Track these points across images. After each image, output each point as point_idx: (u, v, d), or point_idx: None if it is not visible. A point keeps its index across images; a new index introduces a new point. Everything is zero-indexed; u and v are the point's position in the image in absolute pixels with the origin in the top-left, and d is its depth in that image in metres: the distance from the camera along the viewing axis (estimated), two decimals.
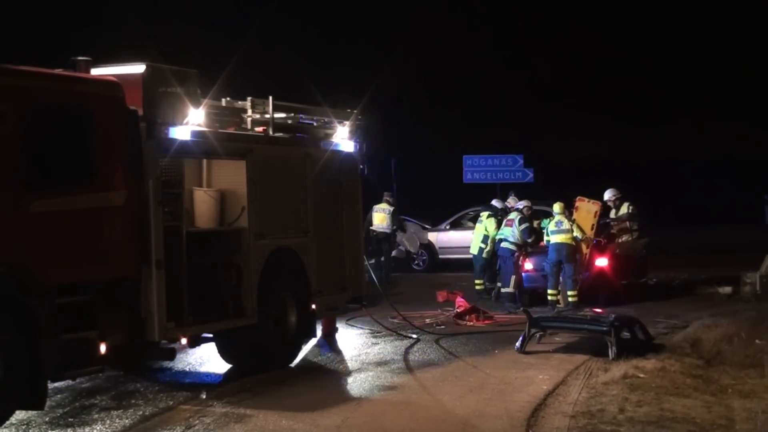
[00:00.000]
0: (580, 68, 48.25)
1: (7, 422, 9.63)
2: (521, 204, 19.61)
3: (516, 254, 18.94)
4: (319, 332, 14.59)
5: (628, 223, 19.86)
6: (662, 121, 48.03)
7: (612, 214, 19.95)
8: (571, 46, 48.15)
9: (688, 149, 46.14)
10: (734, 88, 47.08)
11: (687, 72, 48.24)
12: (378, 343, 14.89)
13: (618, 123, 47.09)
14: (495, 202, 21.09)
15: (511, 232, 19.01)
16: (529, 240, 19.04)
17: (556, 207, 18.63)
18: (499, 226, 19.81)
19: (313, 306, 13.49)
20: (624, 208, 19.96)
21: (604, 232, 19.67)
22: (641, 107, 48.46)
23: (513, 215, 19.29)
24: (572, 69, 48.19)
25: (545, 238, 18.77)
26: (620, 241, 19.68)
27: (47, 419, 10.22)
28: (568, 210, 18.84)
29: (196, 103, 11.76)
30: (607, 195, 20.09)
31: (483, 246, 20.10)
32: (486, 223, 20.16)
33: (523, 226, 18.95)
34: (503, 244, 19.05)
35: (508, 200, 21.14)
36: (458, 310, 17.23)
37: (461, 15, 48.08)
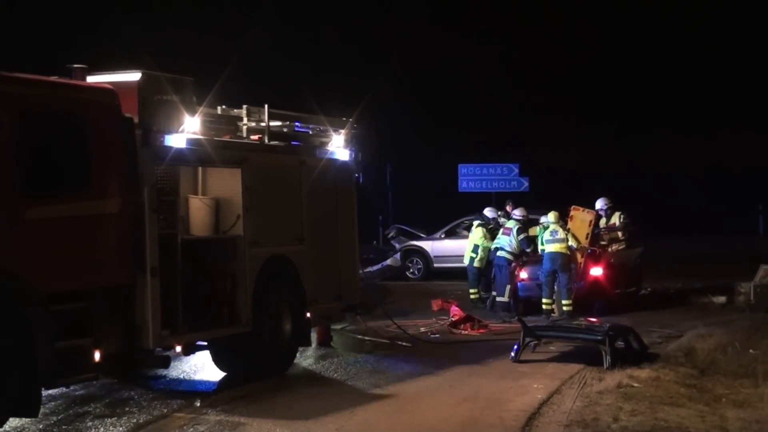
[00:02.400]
0: (575, 77, 48.35)
1: (1, 429, 9.61)
2: (517, 212, 19.61)
3: (513, 264, 18.95)
4: (313, 340, 14.59)
5: (620, 233, 19.89)
6: (656, 130, 48.13)
7: (602, 223, 19.99)
8: (565, 55, 48.28)
9: (683, 159, 46.22)
10: (728, 98, 47.21)
11: (680, 81, 48.36)
12: (372, 352, 14.88)
13: (612, 132, 47.19)
14: (487, 211, 21.10)
15: (508, 242, 19.01)
16: (528, 250, 19.07)
17: (551, 216, 18.66)
18: (493, 235, 19.86)
19: (308, 314, 13.49)
20: (615, 218, 20.00)
21: (598, 242, 19.71)
22: (636, 116, 48.57)
23: (511, 224, 19.27)
24: (567, 77, 48.30)
25: (540, 247, 18.79)
26: (612, 250, 19.70)
27: (41, 426, 10.20)
28: (563, 219, 18.87)
29: (192, 111, 11.77)
30: (599, 204, 20.12)
31: (474, 255, 20.13)
32: (475, 233, 20.24)
33: (522, 236, 18.97)
34: (500, 253, 19.06)
35: (507, 209, 21.15)
36: (453, 319, 17.23)
37: (456, 24, 48.23)
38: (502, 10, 48.57)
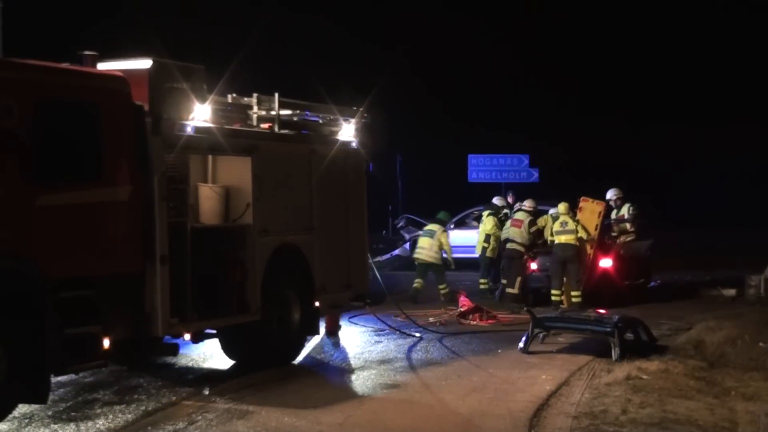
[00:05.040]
0: (589, 68, 48.25)
1: (10, 416, 9.65)
2: (527, 204, 19.54)
3: (525, 257, 18.86)
4: (322, 329, 14.60)
5: (628, 225, 19.86)
6: (670, 122, 47.99)
7: (613, 214, 19.97)
8: (579, 46, 48.16)
9: (696, 151, 46.11)
10: (744, 90, 47.04)
11: (697, 73, 48.21)
12: (381, 341, 14.89)
13: (626, 123, 47.10)
14: (496, 200, 21.07)
15: (519, 233, 18.89)
16: (539, 242, 19.01)
17: (561, 207, 18.60)
18: (503, 224, 19.82)
19: (317, 303, 13.49)
20: (624, 209, 19.96)
21: (607, 233, 19.68)
22: (650, 108, 48.45)
23: (521, 216, 19.15)
24: (581, 68, 48.19)
25: (549, 238, 18.75)
26: (621, 241, 19.67)
27: (50, 413, 10.22)
28: (573, 210, 18.82)
29: (202, 99, 11.76)
30: (610, 194, 20.09)
31: (486, 245, 20.10)
32: (486, 222, 20.21)
33: (534, 228, 18.90)
34: (510, 245, 18.93)
35: (508, 200, 21.15)
36: (462, 309, 17.21)
37: (468, 15, 48.11)
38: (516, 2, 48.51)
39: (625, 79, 48.48)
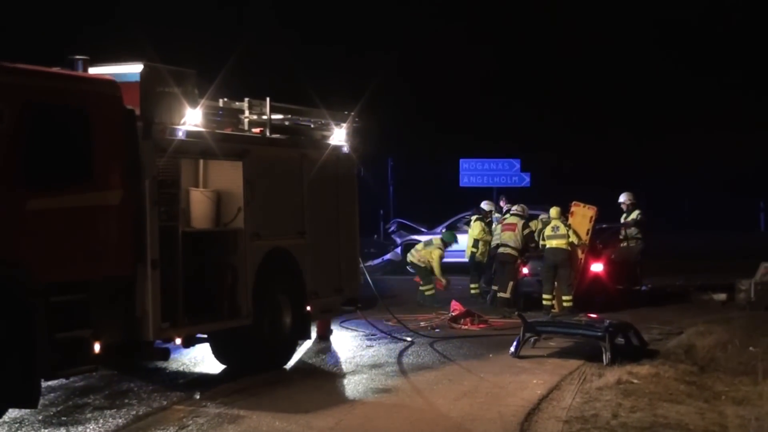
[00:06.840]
0: (578, 76, 48.36)
1: (0, 420, 9.62)
2: (517, 208, 19.55)
3: (518, 261, 18.86)
4: (313, 334, 14.59)
5: (626, 231, 19.91)
6: (659, 129, 48.14)
7: (622, 219, 20.04)
8: (569, 54, 48.29)
9: (684, 157, 46.24)
10: (730, 96, 47.19)
11: (681, 79, 48.37)
12: (372, 346, 14.89)
13: (615, 130, 47.22)
14: (484, 204, 21.08)
15: (512, 238, 18.87)
16: (532, 245, 19.03)
17: (553, 212, 18.63)
18: (489, 229, 19.88)
19: (308, 307, 13.49)
20: (633, 215, 20.03)
21: (601, 237, 19.72)
22: (638, 114, 48.59)
23: (514, 219, 19.14)
24: (570, 77, 48.31)
25: (541, 242, 18.77)
26: (620, 246, 19.73)
27: (40, 418, 10.20)
28: (564, 215, 18.85)
29: (194, 104, 11.75)
30: (623, 198, 20.19)
31: (474, 250, 20.12)
32: (474, 227, 20.24)
33: (527, 230, 18.92)
34: (503, 249, 18.91)
35: (500, 204, 21.18)
36: (453, 314, 17.23)
37: (460, 20, 48.23)
38: (507, 10, 48.62)
39: (619, 83, 48.61)
